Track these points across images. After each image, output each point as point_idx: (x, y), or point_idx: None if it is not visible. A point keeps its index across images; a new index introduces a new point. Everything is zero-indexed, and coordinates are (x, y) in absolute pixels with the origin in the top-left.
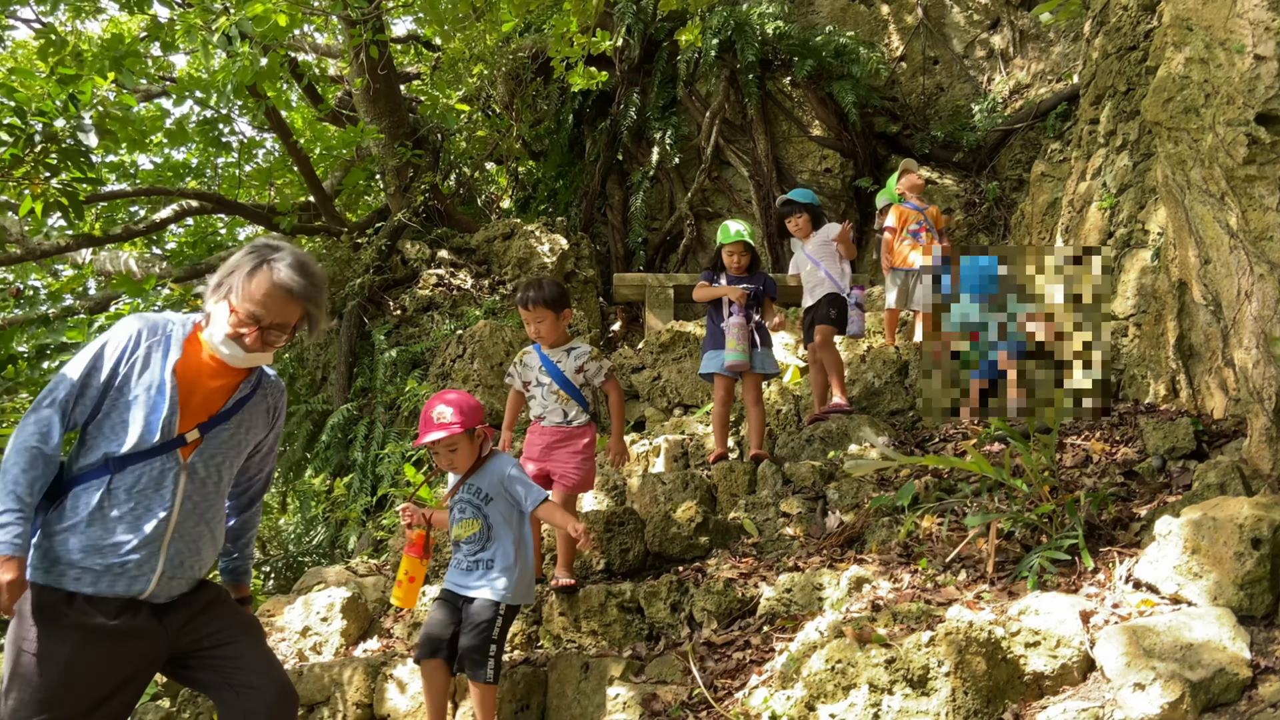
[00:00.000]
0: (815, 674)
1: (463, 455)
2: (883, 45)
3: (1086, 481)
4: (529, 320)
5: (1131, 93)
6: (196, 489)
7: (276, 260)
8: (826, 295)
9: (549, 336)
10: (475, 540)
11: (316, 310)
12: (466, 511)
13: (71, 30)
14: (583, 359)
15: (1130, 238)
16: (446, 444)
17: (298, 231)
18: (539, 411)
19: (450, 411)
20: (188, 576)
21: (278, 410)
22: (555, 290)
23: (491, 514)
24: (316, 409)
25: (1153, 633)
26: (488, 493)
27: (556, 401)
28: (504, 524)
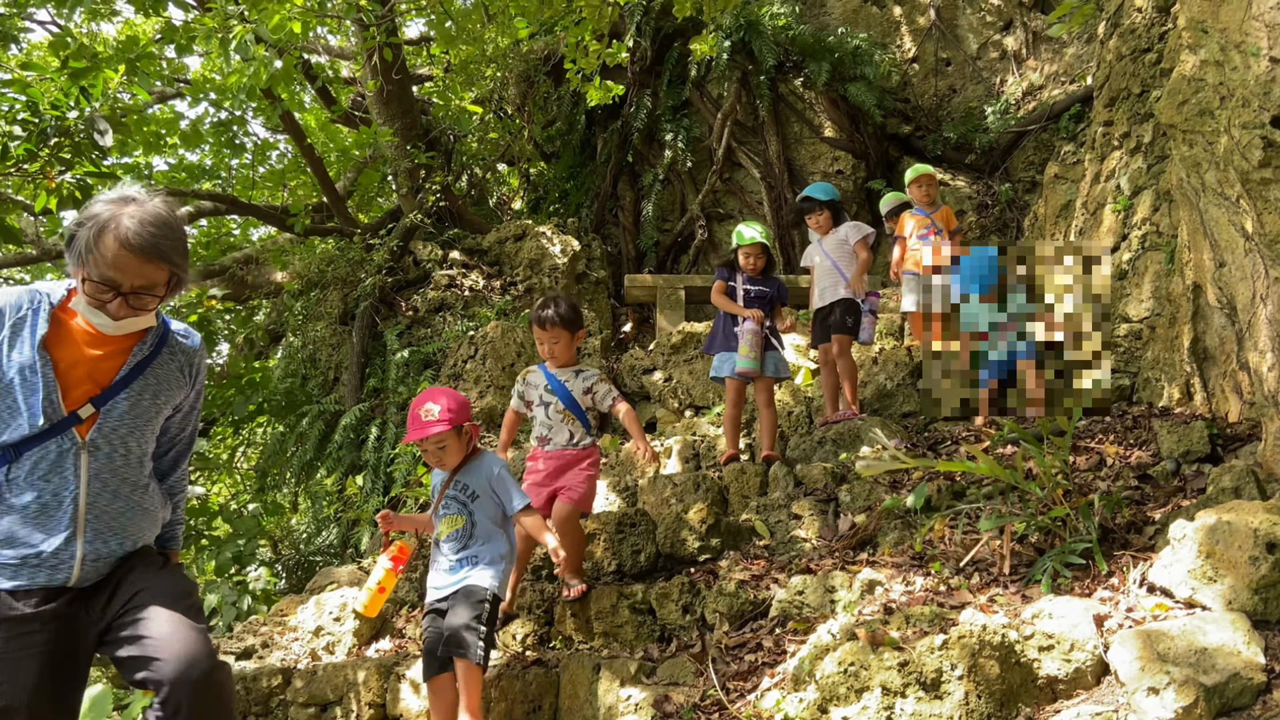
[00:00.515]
0: (828, 676)
1: (451, 452)
2: (895, 47)
3: (1100, 485)
4: (544, 339)
5: (1146, 95)
6: (104, 466)
7: (123, 217)
8: (842, 301)
9: (562, 357)
10: (458, 537)
11: (179, 268)
12: (452, 508)
13: (87, 32)
14: (592, 380)
15: (1145, 240)
16: (435, 441)
17: (311, 232)
18: (542, 432)
19: (438, 409)
20: (116, 556)
21: (195, 370)
22: (572, 310)
23: (477, 512)
24: (329, 409)
25: (1167, 637)
26: (475, 490)
27: (563, 422)
28: (489, 522)
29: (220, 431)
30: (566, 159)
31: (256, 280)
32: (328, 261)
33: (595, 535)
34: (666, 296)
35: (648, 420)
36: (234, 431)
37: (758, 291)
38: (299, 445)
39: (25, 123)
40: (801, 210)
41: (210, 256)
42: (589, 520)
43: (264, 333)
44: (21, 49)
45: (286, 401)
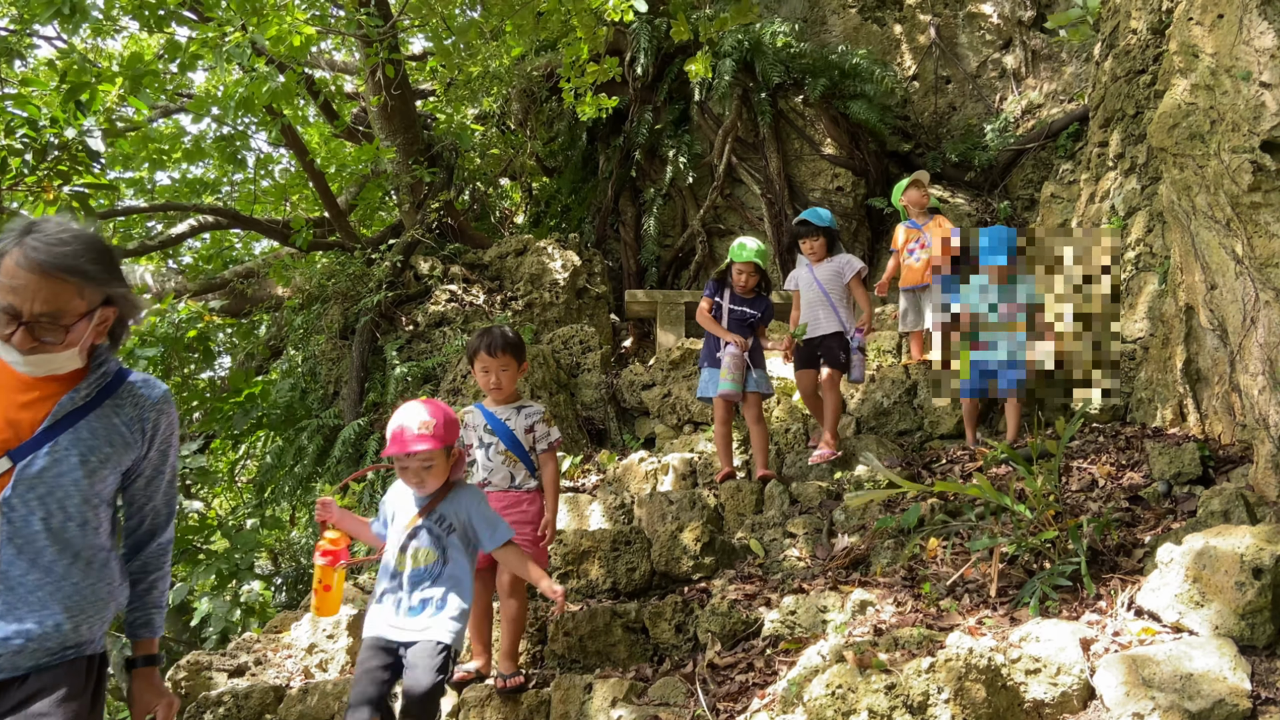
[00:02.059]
0: (816, 699)
1: (436, 473)
2: (895, 65)
3: (1092, 506)
4: (492, 369)
5: (1140, 116)
6: (18, 531)
7: (27, 237)
8: (834, 334)
9: (508, 389)
10: (426, 574)
11: (95, 285)
12: (424, 540)
13: (92, 48)
14: (534, 418)
15: (1139, 261)
16: (424, 457)
17: (312, 247)
18: (483, 476)
19: (433, 423)
20: (35, 640)
21: (155, 427)
22: (518, 337)
23: (451, 548)
24: (328, 423)
25: (1152, 662)
26: (452, 523)
27: (504, 463)
28: (463, 562)
29: (220, 445)
30: (568, 174)
31: (257, 294)
32: (329, 276)
33: (590, 553)
34: (667, 312)
35: (646, 436)
36: (233, 445)
37: (742, 314)
38: (298, 459)
39: (25, 137)
40: (797, 234)
41: (213, 270)
42: (584, 538)
43: (264, 347)
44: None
45: (286, 415)
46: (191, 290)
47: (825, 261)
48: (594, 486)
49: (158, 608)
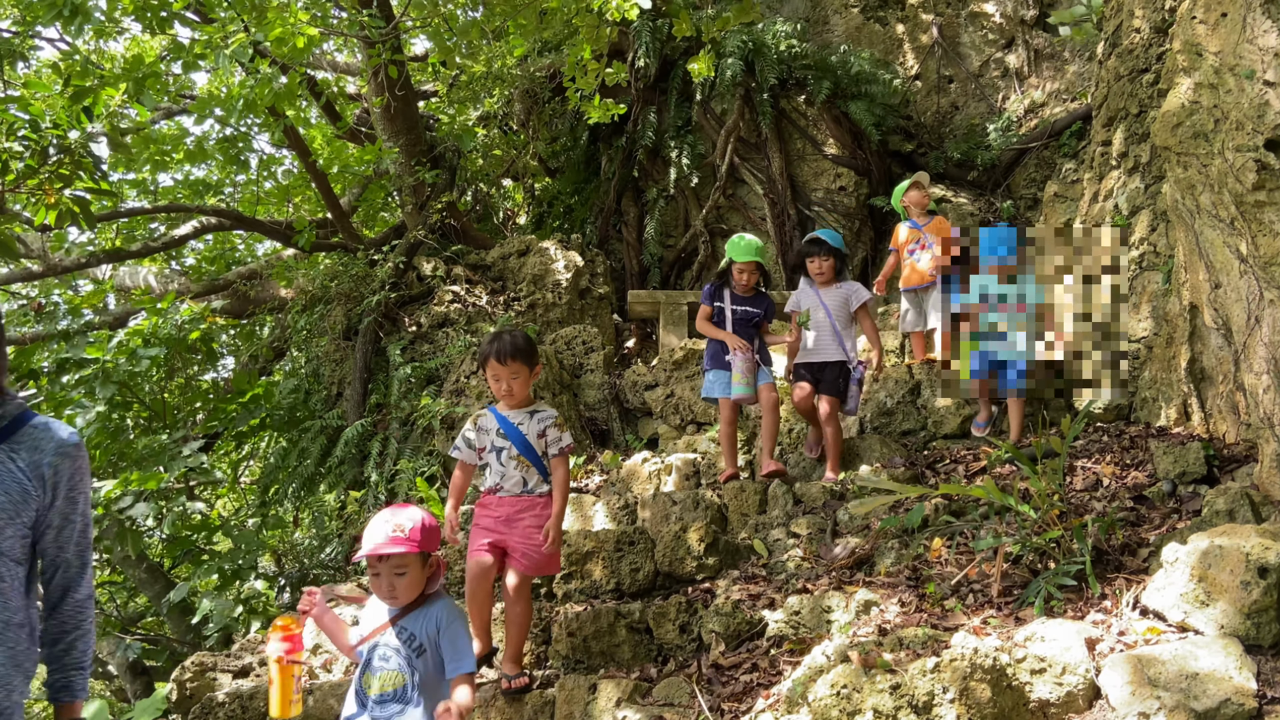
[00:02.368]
0: (820, 699)
1: (409, 584)
2: (898, 64)
3: (1096, 506)
4: (502, 376)
5: (1144, 115)
6: None
7: None
8: (838, 364)
9: (520, 394)
10: (393, 699)
11: None
12: (391, 662)
13: (94, 50)
14: (547, 423)
15: (1142, 260)
16: (397, 563)
17: (315, 248)
18: (495, 481)
19: (410, 526)
20: None
21: (57, 474)
22: (529, 343)
23: (420, 669)
24: (331, 424)
25: (1158, 662)
26: (422, 642)
27: (517, 468)
28: (433, 683)
29: (223, 446)
30: (571, 175)
31: (260, 295)
32: (331, 277)
33: (594, 553)
34: (669, 312)
35: (649, 436)
36: (236, 446)
37: (745, 314)
38: (301, 460)
39: (27, 139)
40: (807, 253)
41: (215, 272)
42: (587, 539)
43: (267, 348)
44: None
45: (289, 416)
46: (194, 291)
47: (833, 287)
48: (597, 487)
49: (79, 669)
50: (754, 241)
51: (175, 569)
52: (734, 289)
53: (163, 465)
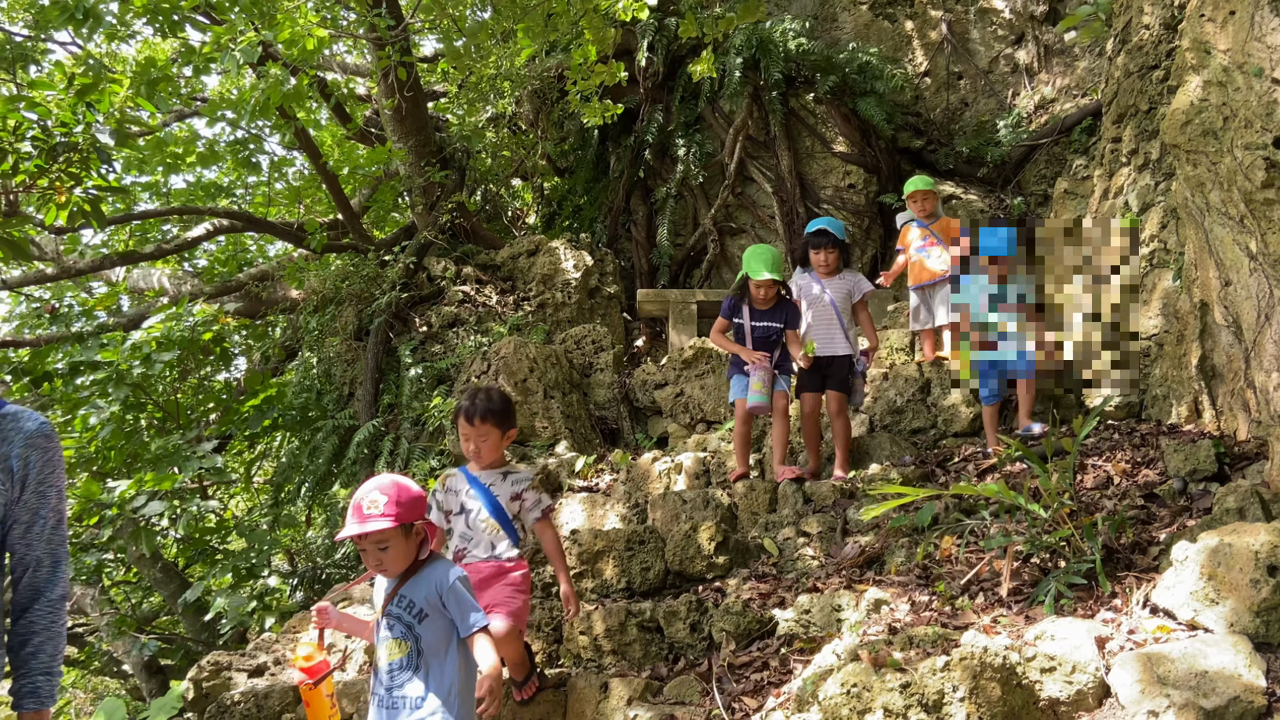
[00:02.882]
0: (831, 698)
1: (394, 556)
2: (907, 61)
3: (1107, 504)
4: (470, 436)
5: (1154, 111)
6: None
7: None
8: (844, 358)
9: (488, 457)
10: (400, 668)
11: None
12: (395, 630)
13: (106, 53)
14: (521, 486)
15: (1153, 257)
16: (377, 539)
17: (326, 249)
18: (460, 545)
19: (384, 500)
20: None
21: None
22: (504, 403)
23: (425, 635)
24: (343, 424)
25: (1167, 660)
26: (422, 608)
27: (485, 532)
28: (439, 647)
29: (236, 446)
30: (580, 174)
31: (272, 296)
32: (343, 278)
33: (604, 552)
34: (679, 311)
35: (659, 435)
36: (249, 446)
37: (765, 329)
38: (314, 459)
39: (35, 139)
40: (813, 244)
41: (227, 273)
42: (598, 538)
43: (279, 348)
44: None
45: (301, 416)
46: (207, 293)
47: (837, 278)
48: (607, 486)
49: (48, 674)
50: (772, 256)
51: (190, 568)
52: (753, 304)
53: (177, 466)
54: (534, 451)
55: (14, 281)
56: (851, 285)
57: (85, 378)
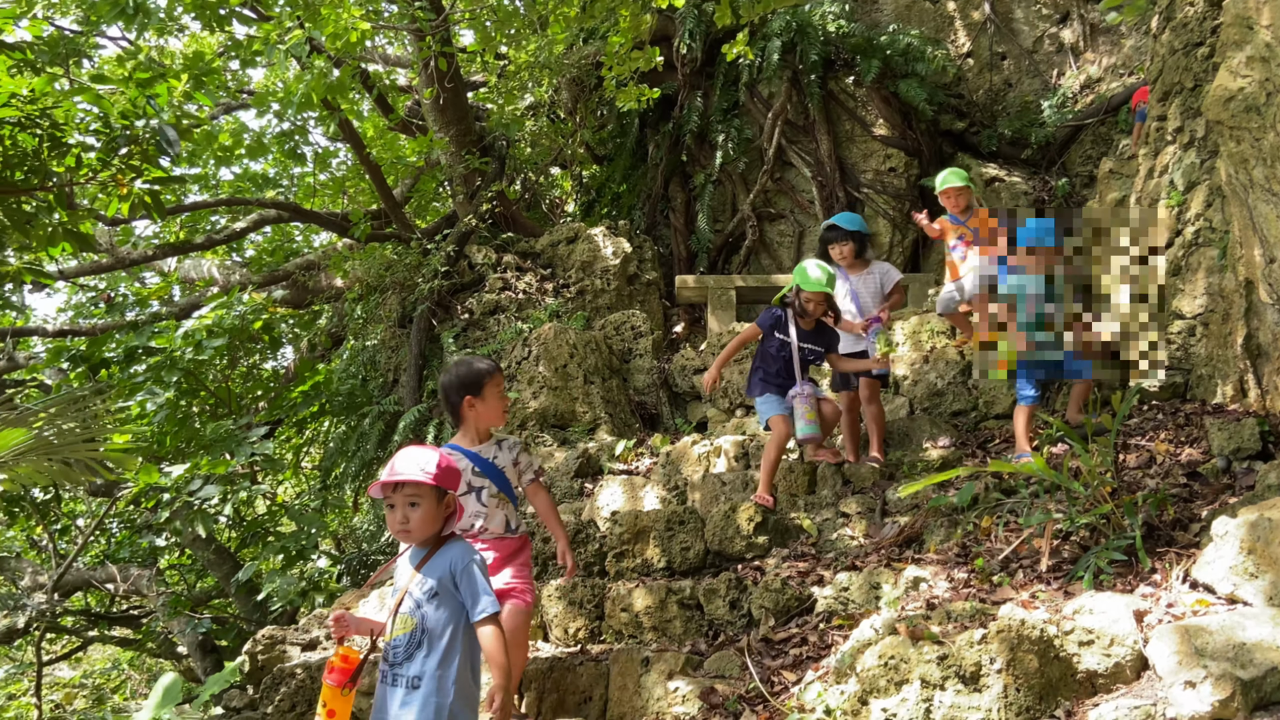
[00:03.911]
0: (868, 670)
1: (422, 519)
2: (949, 42)
3: (1149, 482)
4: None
5: (1199, 89)
6: None
7: None
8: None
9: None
10: (403, 646)
11: None
12: (406, 606)
13: (155, 47)
14: (516, 450)
15: (1198, 236)
16: (410, 494)
17: (370, 238)
18: (475, 522)
19: (432, 461)
20: None
21: None
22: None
23: (430, 614)
24: (389, 409)
25: (1205, 632)
26: (434, 585)
27: (498, 506)
28: (444, 630)
29: (285, 432)
30: (619, 162)
31: (318, 285)
32: (386, 266)
33: (645, 533)
34: (717, 297)
35: (698, 420)
36: (298, 432)
37: (810, 352)
38: (360, 445)
39: (97, 132)
40: (826, 240)
41: (274, 262)
42: (639, 519)
43: (326, 336)
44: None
45: (348, 402)
46: (255, 282)
47: (866, 273)
48: (647, 469)
49: None
50: (827, 271)
51: (242, 551)
52: (800, 322)
53: (229, 451)
54: (574, 435)
55: (71, 272)
56: (881, 278)
57: (139, 364)
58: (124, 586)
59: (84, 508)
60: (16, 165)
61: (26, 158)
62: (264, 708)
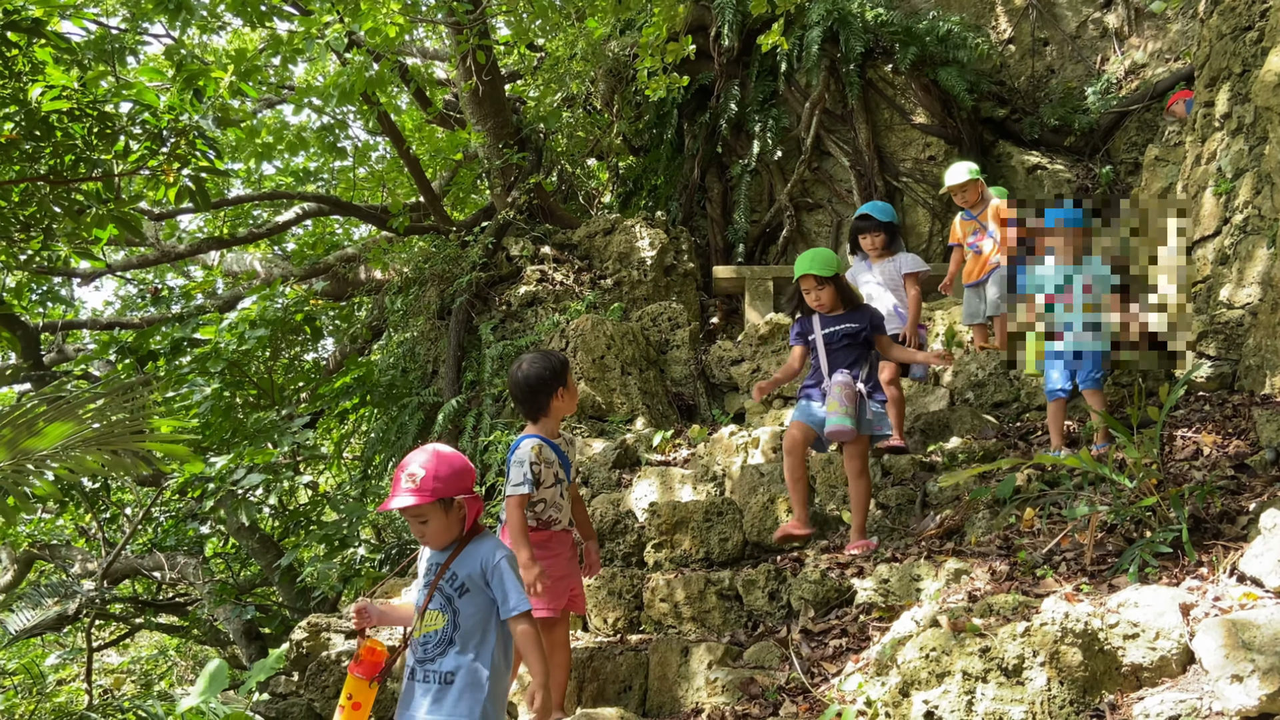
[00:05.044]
0: (910, 662)
1: (434, 530)
2: (990, 28)
3: (1196, 475)
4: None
5: (1247, 74)
6: None
7: None
8: (895, 335)
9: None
10: (434, 642)
11: None
12: (436, 602)
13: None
14: (575, 446)
15: (1247, 224)
16: (415, 514)
17: (409, 231)
18: (552, 514)
19: (420, 475)
20: None
21: None
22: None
23: (463, 610)
24: (428, 401)
25: (1253, 626)
26: (464, 582)
27: (567, 502)
28: (476, 626)
29: (327, 422)
30: (655, 152)
31: (358, 278)
32: (425, 259)
33: (683, 524)
34: (755, 287)
35: (736, 411)
36: (340, 422)
37: (844, 331)
38: (400, 435)
39: (144, 123)
40: (858, 229)
41: (315, 255)
42: (676, 510)
43: (366, 328)
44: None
45: (388, 393)
46: (297, 275)
47: (885, 260)
48: (684, 460)
49: None
50: (813, 254)
51: (286, 539)
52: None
53: (272, 441)
54: (611, 427)
55: (118, 266)
56: (897, 265)
57: (185, 356)
58: (171, 574)
59: (132, 497)
60: (66, 153)
61: (76, 147)
62: (308, 694)
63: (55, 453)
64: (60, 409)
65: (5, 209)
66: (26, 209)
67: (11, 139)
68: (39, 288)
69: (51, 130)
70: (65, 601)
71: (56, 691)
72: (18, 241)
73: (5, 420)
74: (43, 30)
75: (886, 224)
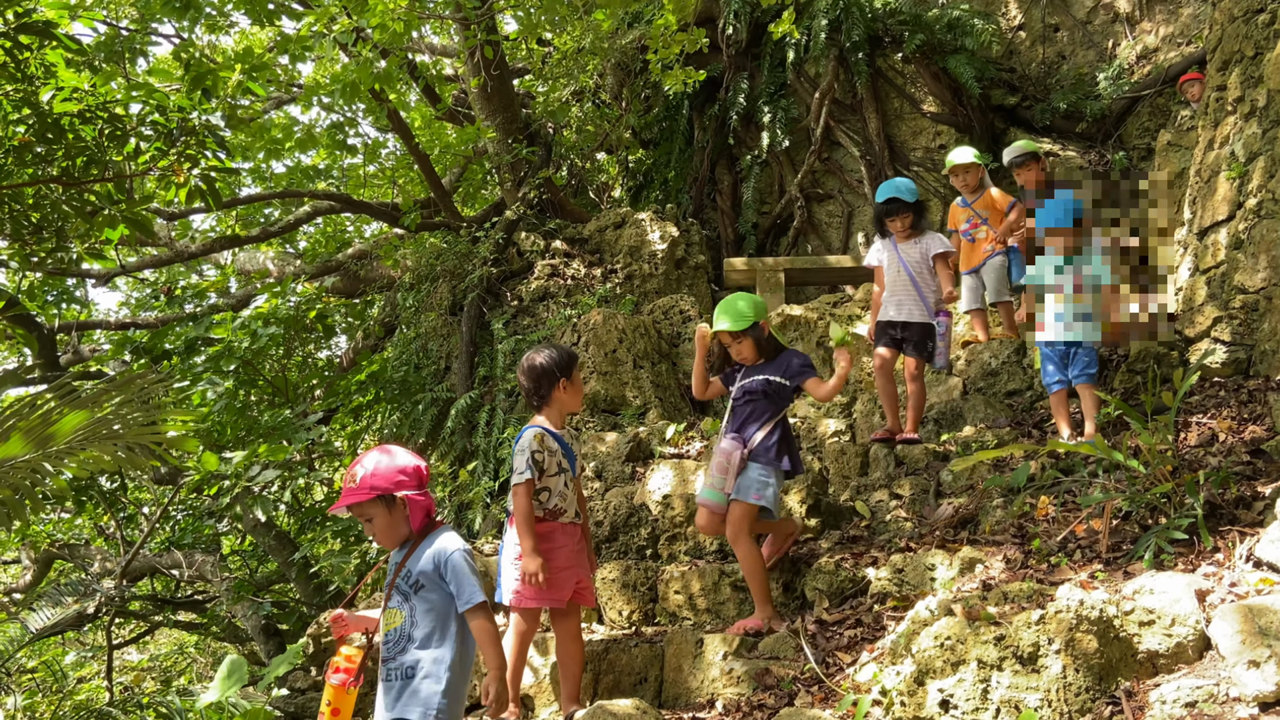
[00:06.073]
0: (924, 651)
1: (379, 528)
2: (999, 15)
3: (1211, 461)
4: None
5: (1260, 57)
6: None
7: None
8: (921, 324)
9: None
10: (394, 639)
11: None
12: (394, 600)
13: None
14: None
15: (1260, 208)
16: (359, 513)
17: (420, 228)
18: (557, 503)
19: (359, 474)
20: None
21: None
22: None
23: (419, 606)
24: (441, 396)
25: (1270, 611)
26: (418, 578)
27: (573, 491)
28: (433, 621)
29: (341, 419)
30: (665, 145)
31: (370, 275)
32: (436, 255)
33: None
34: (766, 279)
35: None
36: (354, 419)
37: (749, 386)
38: (414, 431)
39: (154, 124)
40: (887, 213)
41: (327, 253)
42: (691, 501)
43: (378, 325)
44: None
45: (401, 390)
46: (309, 273)
47: (912, 241)
48: (698, 453)
49: None
50: (723, 304)
51: (301, 536)
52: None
53: (287, 438)
54: (624, 420)
55: (132, 266)
56: (926, 247)
57: (199, 355)
58: (189, 572)
59: (149, 496)
60: (78, 155)
61: (87, 148)
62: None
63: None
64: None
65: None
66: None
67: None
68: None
69: (63, 133)
70: (85, 600)
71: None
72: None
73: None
74: (54, 32)
75: (915, 204)
